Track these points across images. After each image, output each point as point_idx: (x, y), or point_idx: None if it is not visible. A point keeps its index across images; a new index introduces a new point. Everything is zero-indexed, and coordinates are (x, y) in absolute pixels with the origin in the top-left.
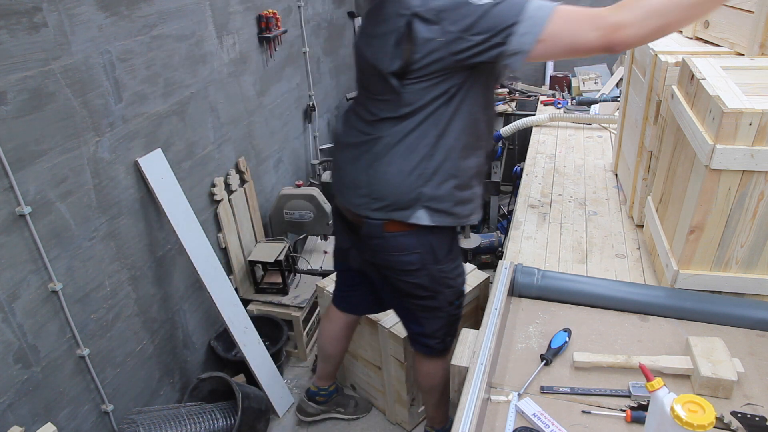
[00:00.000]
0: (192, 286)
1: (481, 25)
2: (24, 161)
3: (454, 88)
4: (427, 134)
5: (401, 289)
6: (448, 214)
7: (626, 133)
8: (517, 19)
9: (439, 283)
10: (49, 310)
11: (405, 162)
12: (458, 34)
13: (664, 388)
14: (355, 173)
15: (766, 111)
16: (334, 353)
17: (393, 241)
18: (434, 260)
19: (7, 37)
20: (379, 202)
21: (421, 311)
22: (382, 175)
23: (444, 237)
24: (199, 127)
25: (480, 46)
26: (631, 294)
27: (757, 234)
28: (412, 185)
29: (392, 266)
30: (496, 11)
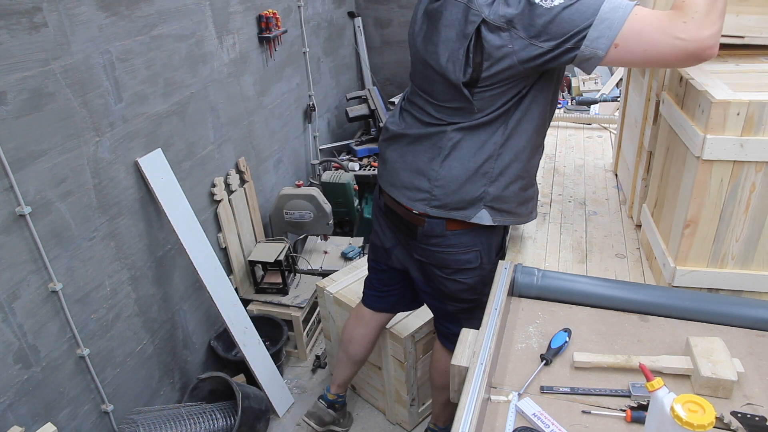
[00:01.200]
0: (192, 286)
1: (552, 30)
2: (24, 161)
3: (525, 89)
4: (496, 134)
5: (447, 291)
6: (510, 214)
7: (626, 133)
8: (590, 21)
9: (486, 284)
10: (49, 310)
11: (471, 161)
12: (528, 41)
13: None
14: (415, 169)
15: (753, 101)
16: (362, 356)
17: (454, 239)
18: (489, 259)
19: (7, 37)
20: (440, 200)
21: (463, 313)
22: (447, 171)
23: (500, 234)
24: (199, 127)
25: (551, 53)
26: (631, 294)
27: (751, 228)
28: (477, 185)
29: (448, 264)
30: (567, 14)
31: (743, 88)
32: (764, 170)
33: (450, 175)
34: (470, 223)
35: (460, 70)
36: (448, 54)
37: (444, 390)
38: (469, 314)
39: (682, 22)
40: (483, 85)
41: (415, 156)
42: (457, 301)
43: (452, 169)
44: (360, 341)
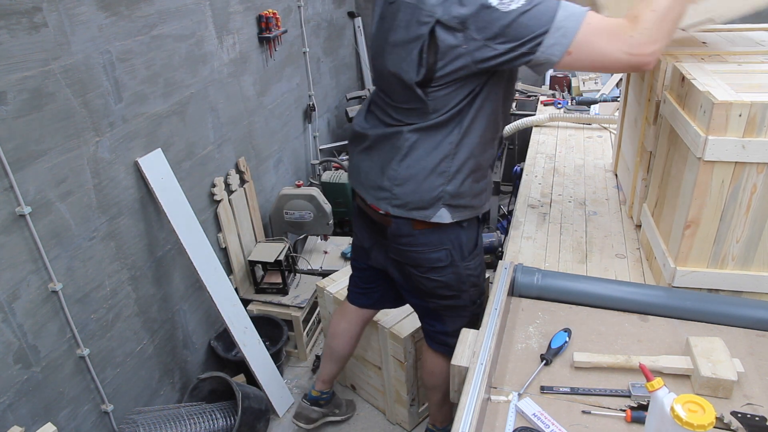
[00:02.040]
0: (192, 286)
1: (508, 33)
2: (24, 161)
3: (478, 87)
4: (451, 133)
5: (425, 289)
6: (466, 208)
7: (626, 133)
8: (546, 27)
9: (464, 282)
10: (49, 310)
11: (428, 160)
12: (483, 42)
13: (664, 388)
14: (378, 169)
15: (755, 102)
16: (345, 353)
17: (422, 238)
18: (461, 257)
19: (7, 37)
20: (400, 199)
21: (445, 310)
22: (405, 171)
23: (471, 231)
24: (199, 127)
25: (506, 55)
26: (631, 294)
27: (752, 229)
28: (435, 184)
29: (420, 263)
30: (524, 19)
31: (745, 88)
32: (766, 171)
33: (408, 175)
34: (434, 222)
35: (414, 70)
36: (402, 55)
37: (436, 390)
38: (451, 311)
39: (629, 36)
40: (436, 84)
41: (378, 156)
42: (436, 298)
43: (410, 169)
44: (343, 336)
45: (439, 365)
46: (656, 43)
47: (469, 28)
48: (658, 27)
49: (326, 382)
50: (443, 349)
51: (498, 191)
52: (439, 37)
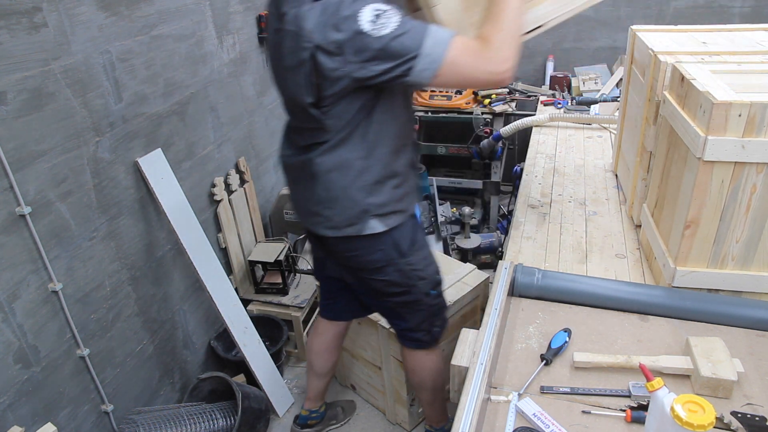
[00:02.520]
0: (192, 286)
1: (382, 56)
2: (24, 161)
3: (370, 101)
4: (357, 148)
5: (376, 289)
6: (395, 213)
7: (626, 133)
8: (416, 53)
9: (410, 277)
10: (49, 310)
11: (345, 179)
12: (360, 64)
13: (664, 388)
14: (302, 195)
15: (755, 102)
16: (326, 368)
17: (357, 242)
18: (399, 254)
19: (7, 37)
20: (331, 221)
21: (401, 307)
22: (326, 194)
23: (404, 230)
24: (199, 127)
25: (383, 76)
26: (631, 294)
27: (752, 229)
28: (358, 200)
29: (362, 266)
30: (395, 44)
31: (745, 88)
32: (765, 171)
33: (331, 197)
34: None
35: (306, 93)
36: (294, 79)
37: (422, 388)
38: (407, 307)
39: (488, 57)
40: (327, 103)
41: (302, 184)
42: (388, 297)
43: (330, 192)
44: (319, 351)
45: (417, 362)
46: (510, 60)
47: (346, 52)
48: (508, 45)
49: (313, 399)
50: (415, 344)
51: (498, 191)
52: (320, 60)
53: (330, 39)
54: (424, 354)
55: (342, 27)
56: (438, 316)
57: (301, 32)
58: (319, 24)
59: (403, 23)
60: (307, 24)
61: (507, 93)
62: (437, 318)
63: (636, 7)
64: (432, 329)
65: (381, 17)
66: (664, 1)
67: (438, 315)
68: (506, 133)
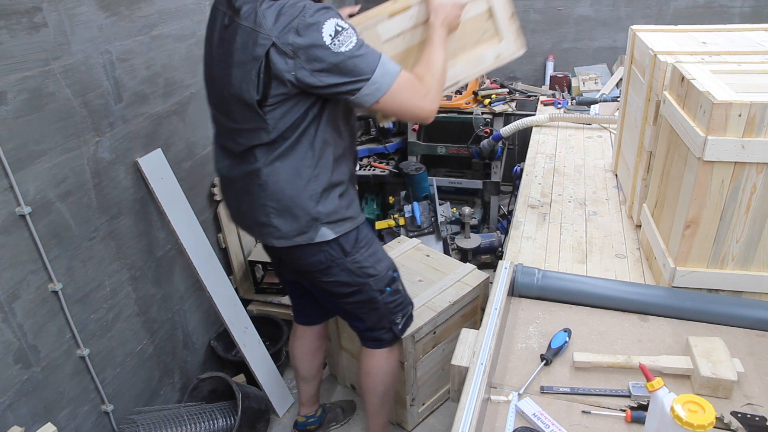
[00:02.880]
0: (192, 286)
1: (334, 71)
2: (24, 161)
3: (317, 109)
4: (306, 156)
5: (328, 291)
6: (345, 220)
7: (626, 133)
8: (366, 77)
9: (358, 275)
10: (49, 310)
11: (294, 188)
12: (311, 72)
13: (664, 388)
14: (248, 207)
15: (755, 102)
16: (311, 372)
17: (299, 251)
18: (343, 253)
19: (7, 37)
20: (281, 231)
21: (356, 308)
22: (276, 203)
23: (349, 233)
24: (199, 127)
25: (330, 89)
26: (631, 294)
27: (752, 229)
28: (309, 208)
29: (308, 269)
30: (350, 64)
31: (745, 88)
32: (765, 171)
33: (281, 207)
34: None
35: (254, 89)
36: (241, 75)
37: (371, 394)
38: (362, 306)
39: (423, 95)
40: (272, 103)
41: (248, 196)
42: (342, 297)
43: (281, 201)
44: (300, 356)
45: (375, 363)
46: (436, 102)
47: (300, 57)
48: (436, 89)
49: (306, 404)
50: (376, 344)
51: (498, 191)
52: (273, 59)
53: (288, 41)
54: (384, 353)
55: (303, 33)
56: (397, 312)
57: (258, 29)
58: (278, 24)
59: (359, 45)
60: (266, 22)
61: (507, 93)
62: (397, 315)
63: (636, 7)
64: (393, 327)
65: (341, 34)
66: (664, 1)
67: (397, 312)
68: (506, 133)
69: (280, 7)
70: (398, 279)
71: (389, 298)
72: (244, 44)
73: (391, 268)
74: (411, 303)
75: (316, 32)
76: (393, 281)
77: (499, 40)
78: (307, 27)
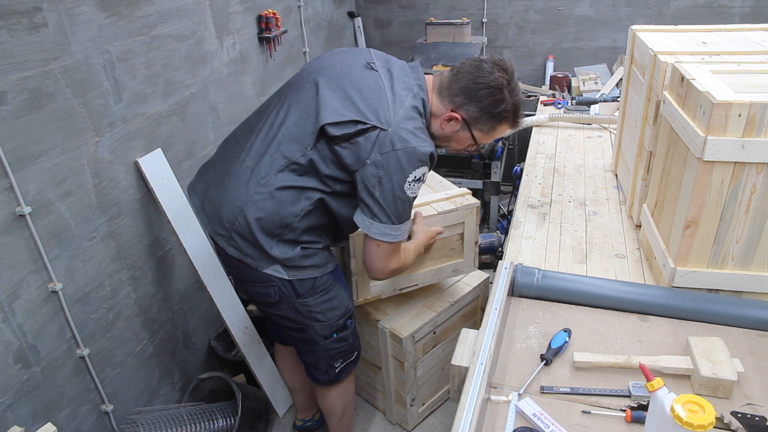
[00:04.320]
0: (192, 286)
1: (377, 193)
2: (24, 161)
3: (344, 190)
4: (299, 205)
5: (275, 320)
6: (303, 268)
7: (626, 133)
8: (392, 222)
9: (305, 317)
10: (49, 310)
11: (271, 218)
12: (364, 176)
13: (664, 388)
14: (224, 200)
15: (754, 102)
16: (297, 383)
17: (249, 271)
18: (295, 294)
19: (7, 37)
20: (234, 242)
21: (298, 342)
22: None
23: (307, 280)
24: (199, 127)
25: (359, 194)
26: (631, 294)
27: (752, 229)
28: (267, 246)
29: (254, 298)
30: (394, 203)
31: (745, 88)
32: (765, 171)
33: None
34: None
35: (337, 129)
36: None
37: (332, 415)
38: (303, 344)
39: (384, 268)
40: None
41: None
42: (285, 329)
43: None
44: (282, 370)
45: (321, 395)
46: (385, 277)
47: (369, 168)
48: (394, 271)
49: (302, 410)
50: (314, 380)
51: (498, 191)
52: (358, 140)
53: (367, 158)
54: (325, 389)
55: (382, 164)
56: (338, 358)
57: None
58: (388, 134)
59: (411, 200)
60: (387, 116)
61: None
62: (337, 360)
63: (636, 7)
64: (329, 371)
65: (418, 181)
66: (664, 1)
67: (338, 357)
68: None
69: (408, 116)
70: (350, 327)
71: (332, 345)
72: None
73: (345, 317)
74: (358, 349)
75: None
76: (343, 329)
77: (461, 257)
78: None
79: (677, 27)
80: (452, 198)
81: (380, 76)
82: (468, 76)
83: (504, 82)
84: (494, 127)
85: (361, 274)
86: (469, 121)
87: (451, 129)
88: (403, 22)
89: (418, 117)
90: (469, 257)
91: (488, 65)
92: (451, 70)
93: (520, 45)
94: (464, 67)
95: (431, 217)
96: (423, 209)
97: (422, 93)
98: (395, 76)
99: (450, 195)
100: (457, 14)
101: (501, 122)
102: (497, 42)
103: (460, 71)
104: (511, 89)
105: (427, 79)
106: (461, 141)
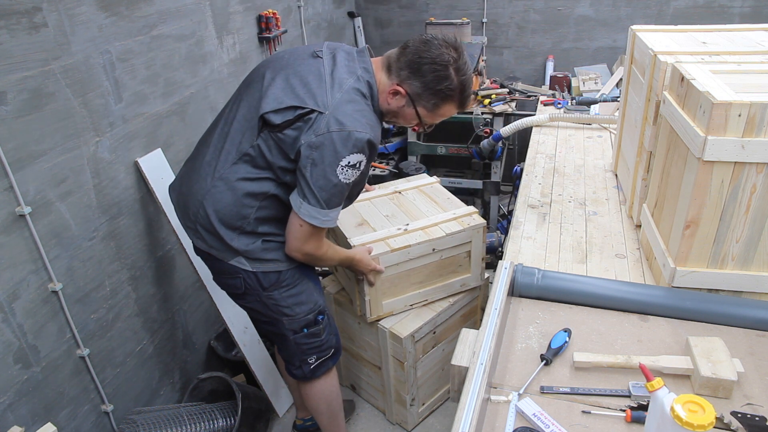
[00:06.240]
0: (192, 286)
1: (311, 174)
2: (24, 161)
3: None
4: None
5: (248, 313)
6: (265, 261)
7: (626, 133)
8: (321, 205)
9: (272, 310)
10: (49, 310)
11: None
12: (305, 157)
13: (664, 388)
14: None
15: (754, 102)
16: (295, 382)
17: (216, 263)
18: (260, 287)
19: (7, 37)
20: (200, 234)
21: (271, 336)
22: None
23: (271, 270)
24: (199, 127)
25: (298, 172)
26: (631, 294)
27: (752, 229)
28: (228, 238)
29: (225, 289)
30: (326, 188)
31: (745, 88)
32: (765, 171)
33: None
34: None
35: (277, 117)
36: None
37: (318, 413)
38: (276, 338)
39: (308, 248)
40: (273, 141)
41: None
42: (257, 322)
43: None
44: (281, 368)
45: (305, 390)
46: (299, 256)
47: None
48: (312, 259)
49: (302, 408)
50: (291, 374)
51: (498, 191)
52: (299, 122)
53: (304, 139)
54: (305, 387)
55: (318, 143)
56: (312, 354)
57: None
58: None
59: (343, 186)
60: (325, 99)
61: (507, 93)
62: (310, 356)
63: (636, 7)
64: (304, 366)
65: (353, 168)
66: (664, 1)
67: (312, 354)
68: (506, 133)
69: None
70: (321, 323)
71: (303, 340)
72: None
73: (315, 312)
74: (335, 347)
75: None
76: (314, 324)
77: (468, 273)
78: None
79: (677, 27)
80: (460, 218)
81: (323, 63)
82: (414, 51)
83: (450, 59)
84: (438, 105)
85: (374, 294)
86: (413, 96)
87: (397, 104)
88: (403, 22)
89: (360, 99)
90: (476, 272)
91: (437, 42)
92: (401, 45)
93: (520, 45)
94: (413, 42)
95: (384, 254)
96: (431, 230)
97: (367, 75)
98: (338, 62)
99: (458, 215)
100: (457, 14)
101: (445, 100)
102: (497, 42)
103: (408, 46)
104: (457, 68)
105: (375, 61)
106: (407, 117)
